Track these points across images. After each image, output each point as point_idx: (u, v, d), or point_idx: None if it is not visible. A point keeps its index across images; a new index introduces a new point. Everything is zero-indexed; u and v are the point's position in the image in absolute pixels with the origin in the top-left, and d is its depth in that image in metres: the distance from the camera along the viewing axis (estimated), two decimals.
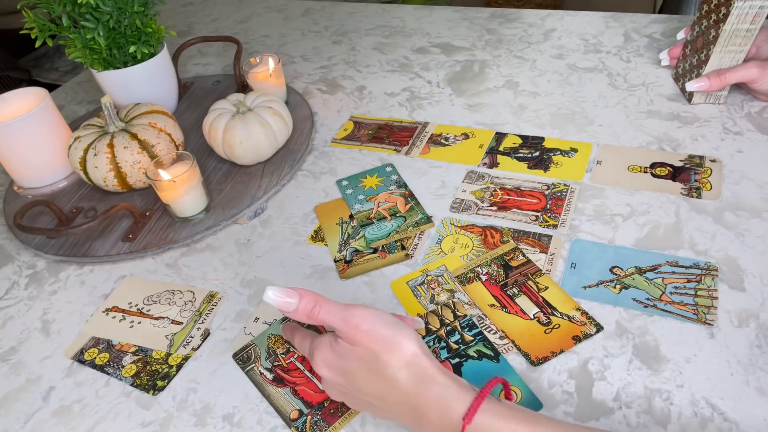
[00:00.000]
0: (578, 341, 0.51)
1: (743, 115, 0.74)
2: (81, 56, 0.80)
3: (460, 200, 0.68)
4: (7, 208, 0.78)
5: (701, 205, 0.63)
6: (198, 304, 0.61)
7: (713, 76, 0.73)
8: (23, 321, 0.63)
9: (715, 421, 0.45)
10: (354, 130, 0.84)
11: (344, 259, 0.63)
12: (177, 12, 1.33)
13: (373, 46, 1.05)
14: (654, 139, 0.73)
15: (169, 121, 0.75)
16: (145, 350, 0.58)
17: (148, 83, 0.84)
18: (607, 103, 0.81)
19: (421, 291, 0.58)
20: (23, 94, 0.80)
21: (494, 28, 1.05)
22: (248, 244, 0.68)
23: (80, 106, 1.03)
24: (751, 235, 0.59)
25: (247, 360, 0.55)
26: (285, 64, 1.03)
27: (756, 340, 0.49)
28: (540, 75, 0.90)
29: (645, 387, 0.48)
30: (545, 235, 0.62)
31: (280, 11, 1.25)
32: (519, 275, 0.58)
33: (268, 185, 0.74)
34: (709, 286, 0.54)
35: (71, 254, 0.68)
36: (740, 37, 0.70)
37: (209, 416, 0.51)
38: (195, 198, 0.69)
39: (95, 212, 0.74)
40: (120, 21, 0.79)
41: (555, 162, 0.72)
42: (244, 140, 0.72)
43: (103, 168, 0.71)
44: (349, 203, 0.71)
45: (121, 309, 0.62)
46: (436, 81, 0.92)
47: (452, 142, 0.78)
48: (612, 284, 0.56)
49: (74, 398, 0.54)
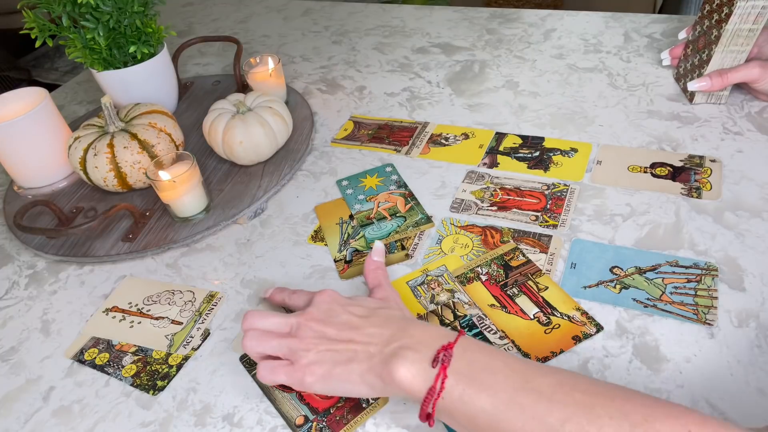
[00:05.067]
0: (578, 341, 0.51)
1: (743, 115, 0.74)
2: (81, 56, 0.80)
3: (460, 200, 0.68)
4: (7, 208, 0.78)
5: (701, 205, 0.63)
6: (198, 304, 0.61)
7: (715, 76, 0.73)
8: (23, 321, 0.63)
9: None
10: (354, 130, 0.84)
11: (344, 259, 0.63)
12: (177, 12, 1.33)
13: (373, 46, 1.05)
14: (654, 139, 0.73)
15: (169, 121, 0.75)
16: (145, 350, 0.58)
17: (148, 83, 0.84)
18: (607, 103, 0.81)
19: (421, 291, 0.58)
20: (23, 94, 0.80)
21: (494, 28, 1.05)
22: (248, 244, 0.68)
23: (80, 106, 1.03)
24: (751, 235, 0.59)
25: (254, 363, 0.55)
26: (285, 64, 1.04)
27: (756, 340, 0.49)
28: (540, 75, 0.90)
29: (645, 387, 0.48)
30: (545, 235, 0.62)
31: (280, 11, 1.25)
32: (519, 275, 0.58)
33: (268, 185, 0.74)
34: (709, 286, 0.54)
35: (71, 254, 0.68)
36: (742, 37, 0.70)
37: (209, 416, 0.51)
38: (195, 198, 0.69)
39: (95, 212, 0.74)
40: (120, 21, 0.79)
41: (555, 162, 0.72)
42: (244, 140, 0.72)
43: (103, 168, 0.71)
44: (349, 203, 0.71)
45: (121, 309, 0.62)
46: (436, 81, 0.92)
47: (452, 142, 0.78)
48: (612, 284, 0.56)
49: (74, 398, 0.54)
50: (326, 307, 0.49)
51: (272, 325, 0.50)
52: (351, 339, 0.46)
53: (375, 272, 0.56)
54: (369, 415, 0.49)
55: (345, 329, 0.47)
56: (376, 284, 0.55)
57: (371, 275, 0.56)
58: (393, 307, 0.50)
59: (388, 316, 0.48)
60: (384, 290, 0.54)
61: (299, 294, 0.55)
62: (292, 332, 0.49)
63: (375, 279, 0.55)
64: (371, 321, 0.47)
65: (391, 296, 0.53)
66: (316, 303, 0.50)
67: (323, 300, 0.50)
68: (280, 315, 0.50)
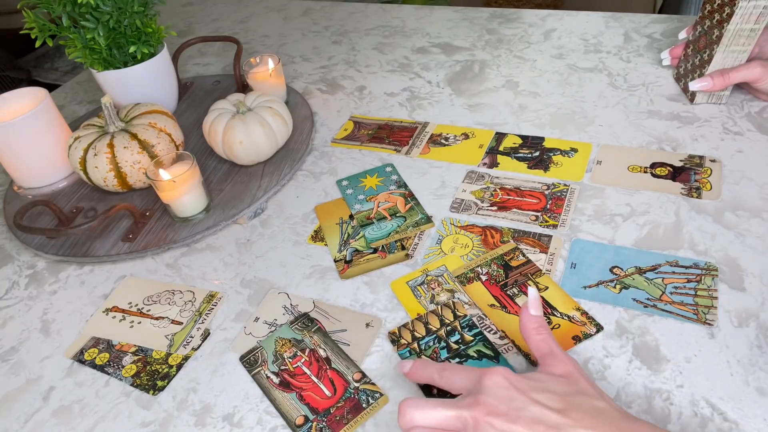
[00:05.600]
0: (578, 341, 0.51)
1: (743, 115, 0.74)
2: (81, 56, 0.80)
3: (460, 200, 0.68)
4: (7, 208, 0.78)
5: (701, 205, 0.63)
6: (198, 304, 0.61)
7: (716, 76, 0.73)
8: (23, 321, 0.63)
9: (715, 421, 0.45)
10: (354, 130, 0.84)
11: (344, 259, 0.63)
12: (177, 12, 1.33)
13: (373, 46, 1.05)
14: (654, 139, 0.73)
15: (169, 121, 0.75)
16: (145, 350, 0.58)
17: (148, 83, 0.84)
18: (607, 103, 0.81)
19: (421, 291, 0.58)
20: (23, 94, 0.80)
21: (494, 28, 1.05)
22: (248, 244, 0.68)
23: (80, 106, 1.03)
24: (751, 235, 0.58)
25: (254, 363, 0.55)
26: (285, 64, 1.03)
27: (756, 340, 0.49)
28: (540, 75, 0.90)
29: (645, 387, 0.48)
30: (545, 235, 0.62)
31: (280, 11, 1.25)
32: (519, 275, 0.58)
33: (268, 185, 0.74)
34: (709, 286, 0.54)
35: (71, 254, 0.68)
36: (744, 36, 0.70)
37: (209, 416, 0.51)
38: (195, 198, 0.69)
39: (95, 212, 0.74)
40: (120, 21, 0.79)
41: (555, 162, 0.72)
42: (244, 140, 0.72)
43: (103, 168, 0.71)
44: (349, 203, 0.71)
45: (121, 309, 0.62)
46: (436, 81, 0.92)
47: (452, 142, 0.78)
48: (612, 284, 0.56)
49: (74, 398, 0.54)
50: (504, 393, 0.39)
51: (439, 420, 0.40)
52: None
53: (539, 334, 0.44)
54: (369, 415, 0.49)
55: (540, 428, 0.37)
56: (546, 352, 0.43)
57: (535, 340, 0.44)
58: (587, 390, 0.40)
59: (594, 411, 0.38)
60: (561, 361, 0.42)
61: (454, 371, 0.43)
62: (468, 428, 0.39)
63: (544, 345, 0.43)
64: (574, 418, 0.37)
65: (574, 370, 0.41)
66: (487, 388, 0.39)
67: (497, 384, 0.39)
68: (446, 404, 0.40)
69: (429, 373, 0.45)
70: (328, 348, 0.55)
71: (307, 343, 0.55)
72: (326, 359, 0.54)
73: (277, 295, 0.61)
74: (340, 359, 0.53)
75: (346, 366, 0.53)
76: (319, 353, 0.54)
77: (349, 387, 0.51)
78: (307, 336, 0.56)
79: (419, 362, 0.46)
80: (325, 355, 0.54)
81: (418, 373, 0.46)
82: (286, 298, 0.60)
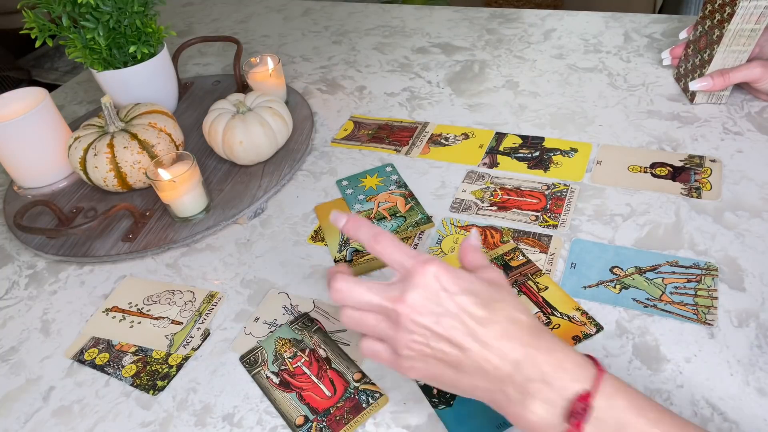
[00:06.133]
0: (578, 341, 0.51)
1: (743, 115, 0.74)
2: (81, 56, 0.80)
3: (460, 200, 0.68)
4: (7, 208, 0.78)
5: (701, 205, 0.63)
6: (198, 304, 0.61)
7: (717, 76, 0.73)
8: (23, 321, 0.63)
9: (715, 421, 0.45)
10: (354, 130, 0.84)
11: (344, 258, 0.63)
12: (177, 12, 1.33)
13: (373, 46, 1.05)
14: (654, 139, 0.73)
15: (169, 121, 0.75)
16: (145, 350, 0.58)
17: (148, 83, 0.84)
18: (607, 103, 0.81)
19: None
20: (23, 94, 0.80)
21: (494, 28, 1.05)
22: (248, 244, 0.68)
23: (80, 106, 1.03)
24: (751, 235, 0.58)
25: (254, 363, 0.55)
26: (285, 64, 1.04)
27: (756, 340, 0.49)
28: (540, 75, 0.90)
29: (645, 387, 0.48)
30: (545, 235, 0.62)
31: (280, 11, 1.25)
32: (519, 275, 0.58)
33: (268, 185, 0.74)
34: (709, 286, 0.54)
35: (71, 254, 0.68)
36: (744, 37, 0.70)
37: (209, 416, 0.51)
38: (195, 198, 0.69)
39: (95, 212, 0.74)
40: (120, 21, 0.79)
41: (555, 162, 0.72)
42: (244, 140, 0.72)
43: (103, 168, 0.71)
44: (349, 203, 0.71)
45: (121, 309, 0.62)
46: (436, 81, 0.92)
47: (452, 142, 0.78)
48: (612, 284, 0.56)
49: (74, 398, 0.54)
50: (431, 295, 0.41)
51: (367, 303, 0.42)
52: (462, 346, 0.40)
53: (474, 254, 0.46)
54: (369, 415, 0.49)
55: (457, 333, 0.40)
56: (477, 266, 0.45)
57: (468, 257, 0.46)
58: (508, 298, 0.42)
59: (511, 321, 0.40)
60: (489, 270, 0.44)
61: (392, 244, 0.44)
62: (391, 317, 0.41)
63: (475, 260, 0.46)
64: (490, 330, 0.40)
65: (499, 279, 0.44)
66: (417, 287, 0.41)
67: (427, 284, 0.41)
68: (375, 291, 0.42)
69: (364, 234, 0.45)
70: (328, 348, 0.55)
71: (307, 343, 0.55)
72: (326, 359, 0.54)
73: (277, 295, 0.61)
74: (340, 359, 0.53)
75: (346, 366, 0.53)
76: (319, 353, 0.54)
77: (349, 387, 0.51)
78: (307, 336, 0.56)
79: (355, 218, 0.46)
80: (325, 355, 0.54)
81: (353, 230, 0.46)
82: (286, 298, 0.60)
